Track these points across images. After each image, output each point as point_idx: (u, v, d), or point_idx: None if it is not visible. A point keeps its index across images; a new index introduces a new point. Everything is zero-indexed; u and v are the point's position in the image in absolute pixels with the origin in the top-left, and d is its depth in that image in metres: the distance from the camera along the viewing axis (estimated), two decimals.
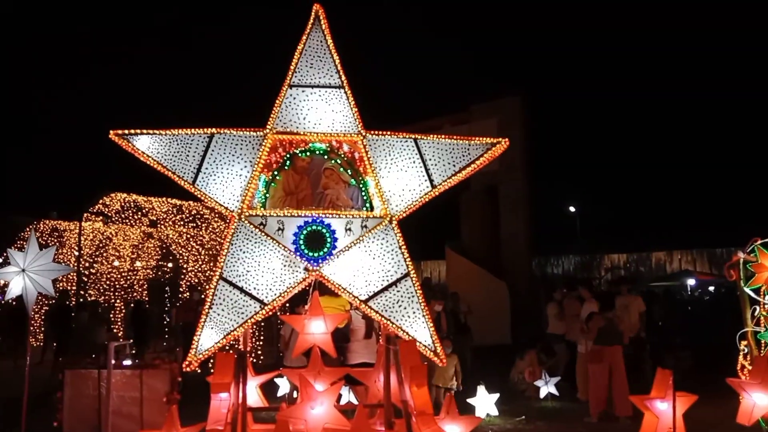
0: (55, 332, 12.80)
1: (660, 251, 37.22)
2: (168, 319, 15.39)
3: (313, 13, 5.85)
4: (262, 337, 14.29)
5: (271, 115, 5.68)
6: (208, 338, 5.16)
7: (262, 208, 5.56)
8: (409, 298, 5.38)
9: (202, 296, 12.72)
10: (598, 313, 8.82)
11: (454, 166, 5.62)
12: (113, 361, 7.46)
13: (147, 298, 16.25)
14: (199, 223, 16.26)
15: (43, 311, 15.58)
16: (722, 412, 7.82)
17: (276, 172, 5.71)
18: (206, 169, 5.49)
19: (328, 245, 5.40)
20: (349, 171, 5.76)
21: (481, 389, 8.79)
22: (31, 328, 15.24)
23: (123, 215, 15.94)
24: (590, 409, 8.50)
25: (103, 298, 15.91)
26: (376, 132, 5.73)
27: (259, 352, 14.00)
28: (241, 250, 5.36)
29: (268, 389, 7.42)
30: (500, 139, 5.72)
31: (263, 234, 5.40)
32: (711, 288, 26.49)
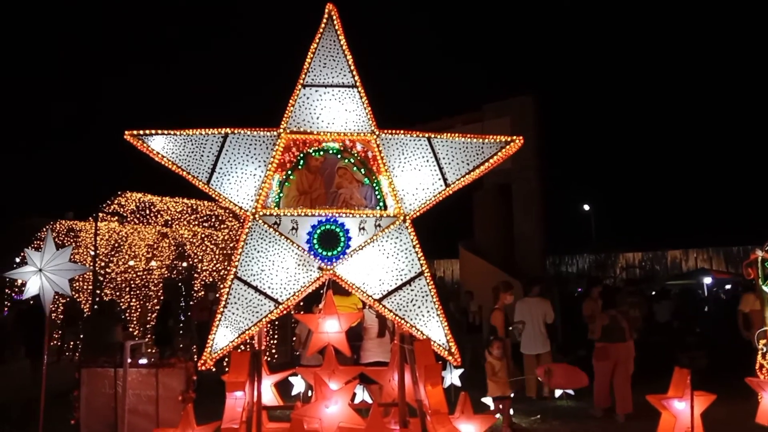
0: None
1: (676, 249, 36.92)
2: (183, 318, 15.50)
3: (326, 13, 5.85)
4: (276, 336, 14.34)
5: (285, 115, 5.69)
6: (223, 337, 5.19)
7: (276, 208, 5.58)
8: (423, 297, 5.37)
9: (217, 295, 12.79)
10: (603, 311, 8.92)
11: (467, 164, 5.60)
12: (129, 360, 7.52)
13: (162, 298, 16.36)
14: (215, 223, 16.35)
15: (60, 311, 15.74)
16: (741, 412, 7.73)
17: (290, 172, 5.73)
18: (221, 169, 5.52)
19: (341, 244, 5.41)
20: (362, 170, 5.76)
21: None
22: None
23: (138, 215, 16.05)
24: (594, 403, 8.78)
25: (119, 298, 16.03)
26: (390, 131, 5.72)
27: (274, 351, 14.05)
28: (255, 249, 5.38)
29: (283, 388, 7.44)
30: (514, 137, 5.69)
31: (277, 233, 5.42)
32: (727, 286, 26.20)
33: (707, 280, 27.01)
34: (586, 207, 37.96)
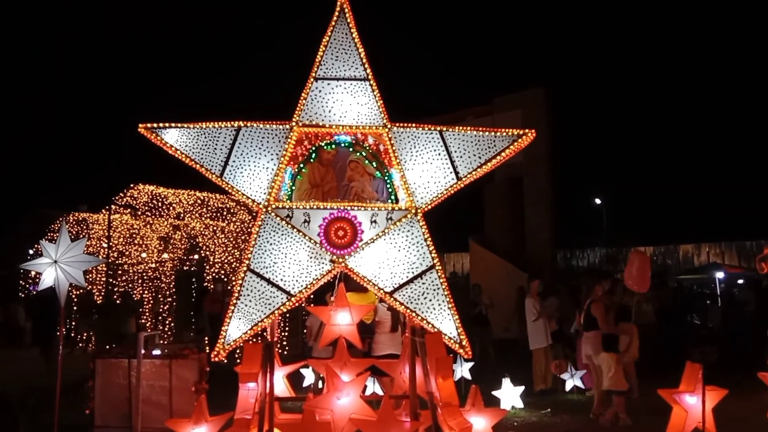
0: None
1: (688, 244, 36.64)
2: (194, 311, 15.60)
3: (338, 6, 5.85)
4: (287, 329, 14.40)
5: (297, 108, 5.71)
6: (236, 329, 5.23)
7: (288, 201, 5.60)
8: (434, 290, 5.38)
9: (229, 287, 12.87)
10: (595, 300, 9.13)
11: (479, 157, 5.60)
12: (143, 351, 7.60)
13: (174, 290, 16.48)
14: (226, 216, 16.44)
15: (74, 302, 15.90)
16: (752, 406, 7.71)
17: (302, 165, 5.75)
18: (234, 162, 5.55)
19: (353, 237, 5.42)
20: (374, 163, 5.77)
21: (506, 382, 8.77)
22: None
23: (150, 206, 16.16)
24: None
25: (132, 290, 16.17)
26: (401, 124, 5.73)
27: (285, 343, 14.12)
28: (268, 242, 5.41)
29: (294, 380, 7.49)
30: (526, 130, 5.67)
31: (290, 226, 5.45)
32: (740, 281, 25.98)
33: (719, 275, 26.79)
34: (598, 201, 37.80)
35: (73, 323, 15.93)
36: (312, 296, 8.49)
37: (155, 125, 5.63)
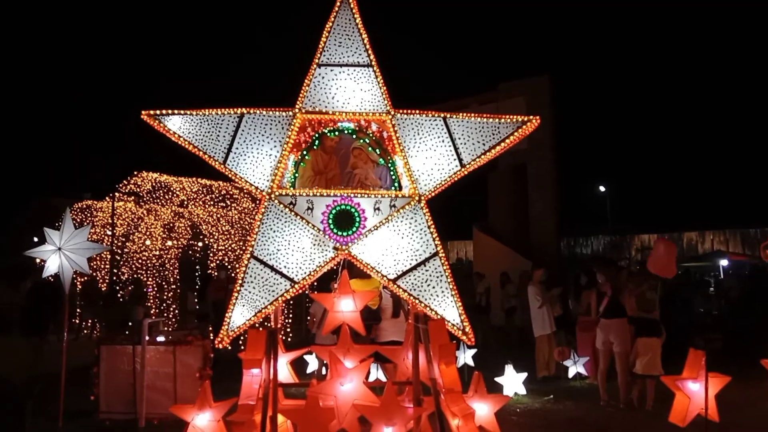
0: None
1: (692, 231, 36.61)
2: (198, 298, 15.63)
3: None
4: (291, 316, 14.46)
5: (300, 95, 5.68)
6: (239, 315, 5.24)
7: (291, 188, 5.59)
8: (437, 277, 5.37)
9: (232, 274, 12.90)
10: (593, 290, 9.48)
11: (483, 144, 5.56)
12: (147, 338, 7.65)
13: (178, 277, 16.52)
14: (229, 203, 16.43)
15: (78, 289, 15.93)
16: (755, 393, 7.73)
17: (305, 152, 5.73)
18: (237, 148, 5.53)
19: (356, 224, 5.42)
20: (377, 150, 5.75)
21: (509, 368, 8.81)
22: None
23: (154, 195, 16.16)
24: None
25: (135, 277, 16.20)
26: (405, 111, 5.69)
27: (288, 330, 14.18)
28: (271, 229, 5.41)
29: (298, 366, 7.52)
30: (531, 117, 5.63)
31: (293, 213, 5.44)
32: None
33: (723, 263, 26.75)
34: (602, 188, 37.74)
35: (78, 311, 15.99)
36: (315, 283, 8.51)
37: (158, 112, 5.61)
